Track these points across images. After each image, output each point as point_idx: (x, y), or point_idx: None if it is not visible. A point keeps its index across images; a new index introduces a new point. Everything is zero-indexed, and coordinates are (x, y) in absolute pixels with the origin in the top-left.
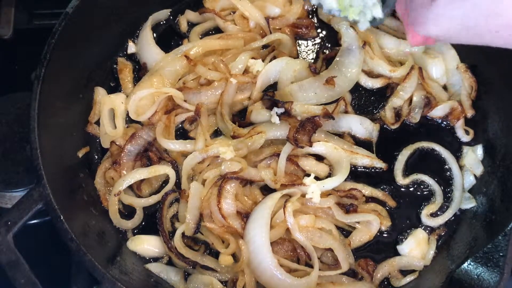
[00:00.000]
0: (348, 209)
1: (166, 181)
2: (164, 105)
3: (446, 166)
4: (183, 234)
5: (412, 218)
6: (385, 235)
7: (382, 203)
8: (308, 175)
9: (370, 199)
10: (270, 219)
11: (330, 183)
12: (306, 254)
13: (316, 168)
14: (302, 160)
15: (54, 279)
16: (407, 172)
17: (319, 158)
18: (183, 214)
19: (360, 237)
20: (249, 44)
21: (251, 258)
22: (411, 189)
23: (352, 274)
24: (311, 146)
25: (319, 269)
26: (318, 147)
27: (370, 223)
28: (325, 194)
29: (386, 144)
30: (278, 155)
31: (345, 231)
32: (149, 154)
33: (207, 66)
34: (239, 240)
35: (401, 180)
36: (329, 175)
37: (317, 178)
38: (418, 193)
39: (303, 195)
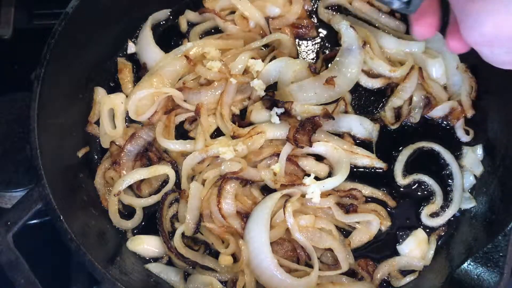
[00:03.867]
0: (348, 209)
1: (166, 181)
2: (164, 105)
3: (446, 166)
4: (183, 234)
5: (412, 218)
6: (385, 235)
7: (382, 203)
8: (308, 175)
9: (370, 199)
10: (270, 219)
11: (330, 183)
12: (306, 254)
13: (316, 168)
14: (302, 160)
15: (54, 279)
16: (407, 172)
17: (319, 158)
18: (183, 214)
19: (360, 237)
20: (249, 44)
21: (251, 258)
22: (411, 189)
23: (352, 274)
24: (311, 146)
25: (319, 269)
26: (318, 147)
27: (370, 223)
28: (325, 194)
29: (386, 144)
30: (278, 155)
31: (345, 231)
32: (149, 154)
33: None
34: (239, 240)
35: (401, 180)
36: (329, 175)
37: (317, 178)
38: (418, 193)
39: (303, 195)
